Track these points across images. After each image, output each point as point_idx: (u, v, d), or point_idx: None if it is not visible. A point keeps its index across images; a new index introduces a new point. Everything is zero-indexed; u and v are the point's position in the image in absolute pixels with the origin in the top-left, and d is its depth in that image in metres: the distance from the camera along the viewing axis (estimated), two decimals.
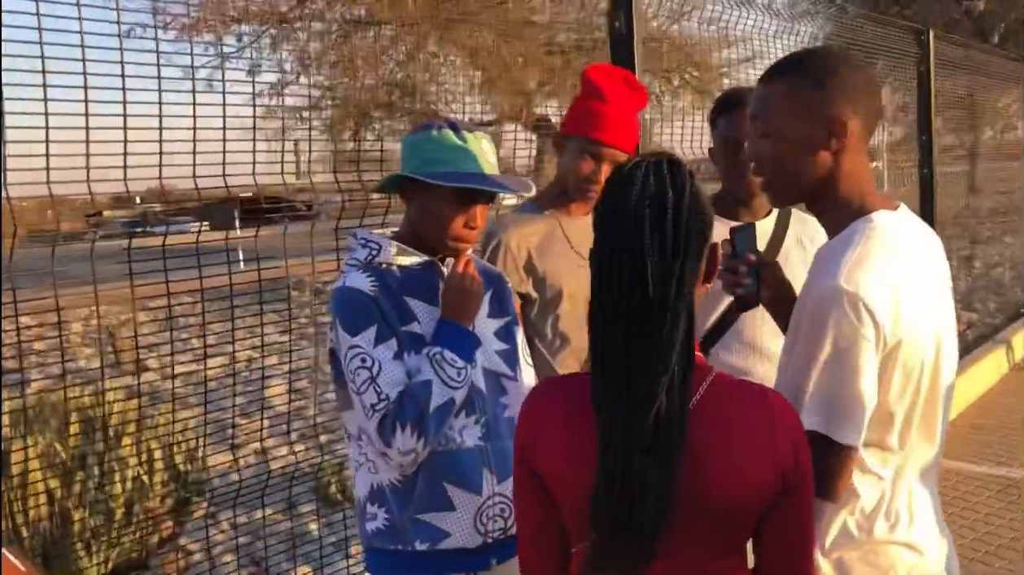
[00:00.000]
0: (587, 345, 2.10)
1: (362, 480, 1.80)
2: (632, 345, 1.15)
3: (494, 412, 1.80)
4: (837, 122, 1.46)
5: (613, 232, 1.17)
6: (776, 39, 4.51)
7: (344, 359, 1.71)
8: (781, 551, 1.25)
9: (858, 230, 1.46)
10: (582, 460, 1.19)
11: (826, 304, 1.39)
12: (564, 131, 2.20)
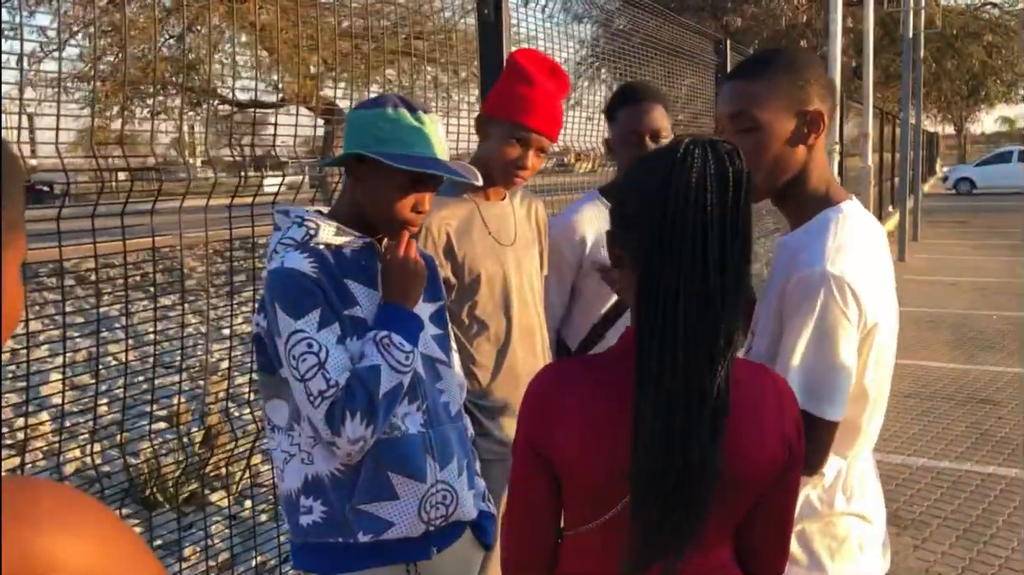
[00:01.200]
0: (503, 331, 2.11)
1: (293, 472, 1.68)
2: (690, 324, 1.15)
3: (433, 398, 1.75)
4: (815, 117, 1.53)
5: (676, 208, 1.15)
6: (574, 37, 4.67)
7: (284, 344, 1.58)
8: (771, 525, 1.31)
9: (831, 218, 1.53)
10: (603, 443, 1.19)
11: (813, 288, 1.44)
12: (489, 112, 2.13)
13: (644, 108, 2.32)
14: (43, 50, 9.75)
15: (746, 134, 1.54)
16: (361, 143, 1.66)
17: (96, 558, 0.68)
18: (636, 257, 1.22)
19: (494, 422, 2.13)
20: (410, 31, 4.06)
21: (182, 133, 10.06)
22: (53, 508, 0.66)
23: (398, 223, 1.69)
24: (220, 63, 11.07)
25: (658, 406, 1.16)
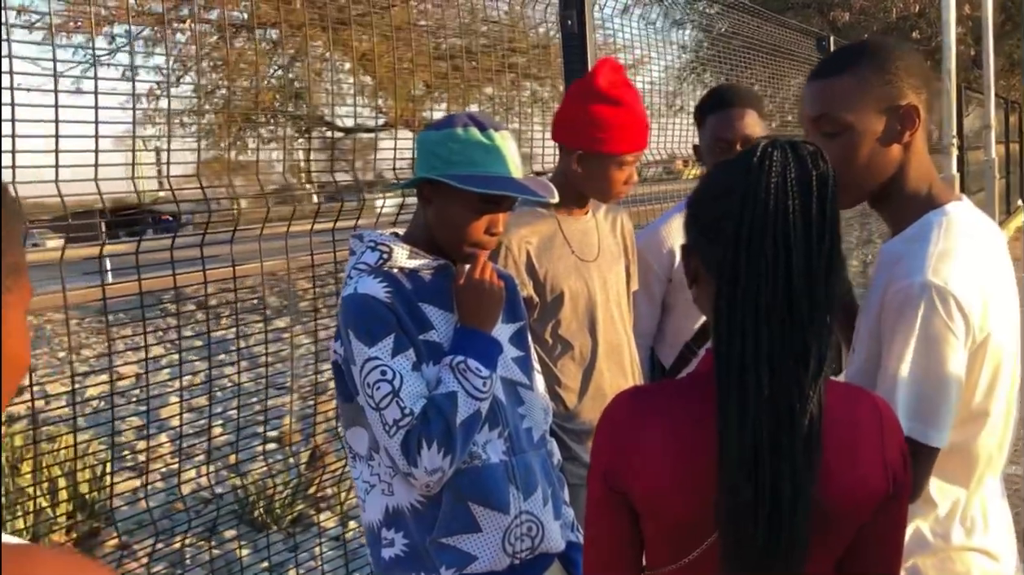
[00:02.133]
0: (588, 350, 2.05)
1: (374, 503, 1.66)
2: (775, 343, 1.07)
3: (515, 424, 1.69)
4: (909, 112, 1.41)
5: (755, 217, 1.07)
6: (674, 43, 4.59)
7: (359, 372, 1.56)
8: (875, 558, 1.20)
9: (934, 222, 1.40)
10: (688, 476, 1.12)
11: (912, 300, 1.32)
12: (574, 145, 2.06)
13: (735, 114, 2.22)
14: (159, 87, 10.23)
15: (832, 138, 1.42)
16: (431, 166, 1.63)
17: None
18: (713, 271, 1.14)
19: (582, 446, 2.06)
20: (504, 48, 4.06)
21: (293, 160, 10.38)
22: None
23: (469, 246, 1.65)
24: (325, 91, 11.38)
25: (743, 435, 1.07)
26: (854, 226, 8.49)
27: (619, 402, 1.23)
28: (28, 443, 3.70)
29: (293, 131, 11.58)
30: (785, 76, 6.11)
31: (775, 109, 6.54)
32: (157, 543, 2.72)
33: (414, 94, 10.63)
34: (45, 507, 3.79)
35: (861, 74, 1.42)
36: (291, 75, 11.64)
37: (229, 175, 2.61)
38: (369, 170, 2.96)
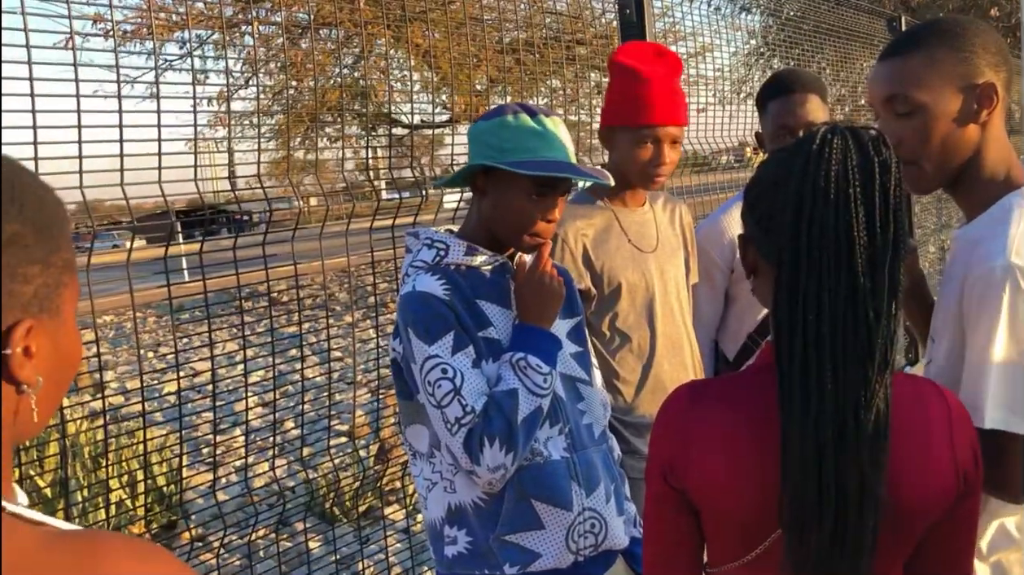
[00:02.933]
0: (647, 343, 2.03)
1: (436, 501, 1.66)
2: (837, 335, 1.04)
3: (575, 420, 1.68)
4: (986, 90, 1.36)
5: (814, 205, 1.04)
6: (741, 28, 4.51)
7: (419, 370, 1.57)
8: (946, 557, 1.17)
9: (1015, 203, 1.36)
10: (747, 471, 1.10)
11: (996, 285, 1.28)
12: (609, 123, 2.06)
13: (797, 100, 2.16)
14: (230, 90, 10.45)
15: (905, 119, 1.38)
16: (484, 155, 1.62)
17: None
18: (772, 261, 1.12)
19: (642, 439, 2.04)
20: (567, 39, 4.05)
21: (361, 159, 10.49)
22: (117, 559, 0.66)
23: (529, 234, 1.63)
24: (390, 87, 11.48)
25: (806, 430, 1.05)
26: (931, 211, 8.24)
27: (677, 396, 1.21)
28: (110, 437, 3.83)
29: (359, 129, 11.74)
30: (857, 59, 5.95)
31: (848, 93, 6.38)
32: (229, 535, 2.78)
33: (478, 89, 10.67)
34: (125, 499, 3.92)
35: (934, 52, 1.37)
36: (356, 74, 11.78)
37: (288, 173, 2.66)
38: (436, 165, 3.00)
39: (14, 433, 0.73)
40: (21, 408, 0.72)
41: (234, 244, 2.39)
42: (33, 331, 0.71)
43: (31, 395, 0.72)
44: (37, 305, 0.72)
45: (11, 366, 0.70)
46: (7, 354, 0.69)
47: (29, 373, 0.71)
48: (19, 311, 0.70)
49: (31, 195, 0.72)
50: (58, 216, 0.74)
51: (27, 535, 0.66)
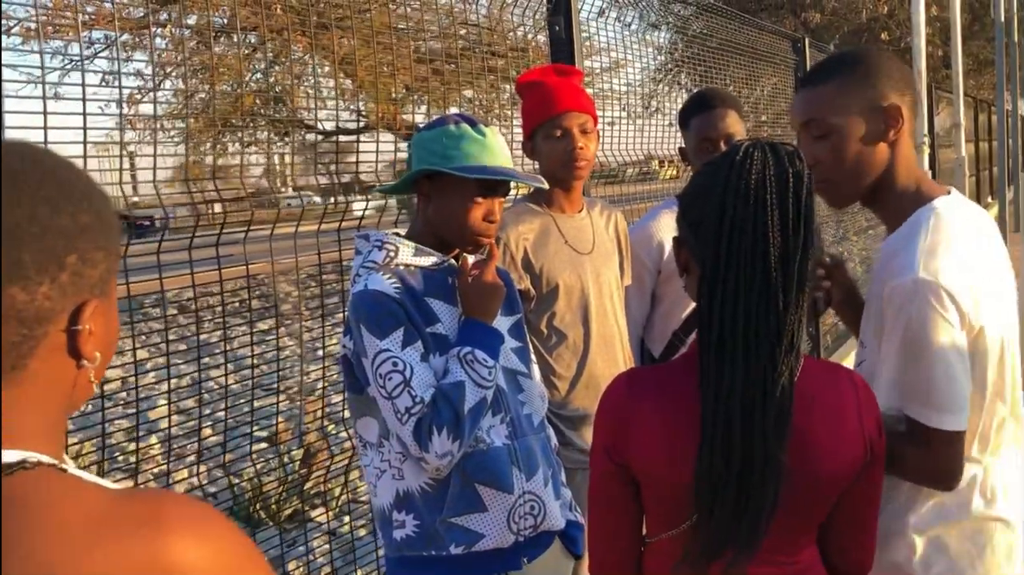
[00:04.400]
0: (582, 340, 2.15)
1: (385, 487, 1.75)
2: (751, 322, 1.17)
3: (516, 410, 1.79)
4: (892, 112, 1.50)
5: (735, 210, 1.18)
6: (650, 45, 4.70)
7: (371, 364, 1.65)
8: (853, 524, 1.31)
9: (923, 218, 1.49)
10: (678, 446, 1.21)
11: (907, 296, 1.40)
12: (527, 133, 2.21)
13: (718, 115, 2.33)
14: (140, 92, 10.22)
15: (821, 140, 1.52)
16: (428, 162, 1.72)
17: (215, 562, 0.74)
18: (699, 260, 1.25)
19: (576, 431, 2.16)
20: (484, 51, 4.15)
21: (271, 163, 10.35)
22: (179, 517, 0.73)
23: (472, 233, 1.74)
24: (305, 94, 11.40)
25: (718, 408, 1.18)
26: (830, 223, 8.67)
27: (617, 383, 1.34)
28: None
29: (273, 134, 11.60)
30: (761, 77, 6.24)
31: (751, 109, 6.68)
32: None
33: (395, 97, 10.69)
34: None
35: (844, 79, 1.51)
36: (271, 79, 11.65)
37: (213, 179, 2.64)
38: (346, 172, 3.04)
39: (70, 402, 0.80)
40: (79, 380, 0.79)
41: (159, 248, 2.36)
42: (95, 311, 0.78)
43: (89, 369, 0.79)
44: (99, 288, 0.79)
45: (79, 341, 0.77)
46: (77, 330, 0.76)
47: (91, 349, 0.78)
48: (87, 292, 0.77)
49: (95, 192, 0.80)
50: (111, 210, 0.81)
51: (93, 494, 0.73)
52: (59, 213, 0.76)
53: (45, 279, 0.74)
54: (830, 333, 6.65)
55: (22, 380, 0.76)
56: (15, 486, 0.71)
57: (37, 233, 0.74)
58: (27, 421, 0.76)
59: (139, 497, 0.74)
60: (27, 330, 0.74)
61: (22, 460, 0.73)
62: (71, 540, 0.69)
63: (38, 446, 0.75)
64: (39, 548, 0.69)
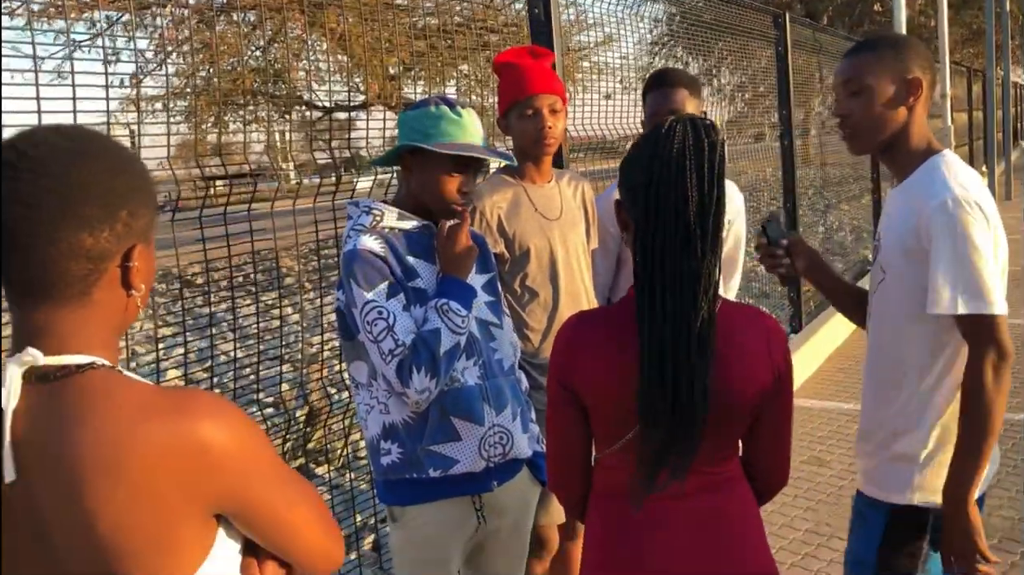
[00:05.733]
0: (551, 297, 2.42)
1: (374, 421, 2.00)
2: (675, 268, 1.40)
3: (488, 355, 2.04)
4: (914, 83, 1.85)
5: (660, 174, 1.40)
6: (644, 18, 4.90)
7: (360, 313, 1.90)
8: (769, 440, 1.57)
9: (937, 163, 1.85)
10: (621, 370, 1.45)
11: (947, 213, 1.74)
12: (501, 113, 2.44)
13: (667, 93, 2.55)
14: (143, 71, 10.43)
15: (854, 97, 1.88)
16: (411, 138, 1.96)
17: (235, 443, 1.00)
18: (634, 219, 1.48)
19: (546, 377, 2.41)
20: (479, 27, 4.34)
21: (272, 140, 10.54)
22: (206, 406, 0.99)
23: (448, 203, 1.98)
24: (303, 71, 11.58)
25: (652, 338, 1.42)
26: (825, 195, 8.89)
27: (568, 322, 1.58)
28: None
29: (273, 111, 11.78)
30: (742, 52, 6.45)
31: (748, 81, 6.91)
32: None
33: (391, 73, 10.86)
34: None
35: (882, 51, 1.88)
36: (270, 57, 11.84)
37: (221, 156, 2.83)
38: (347, 148, 3.22)
39: (122, 323, 1.06)
40: (129, 306, 1.05)
41: (172, 223, 2.55)
42: (140, 253, 1.04)
43: (136, 297, 1.05)
44: (143, 235, 1.05)
45: (130, 276, 1.03)
46: (129, 266, 1.02)
47: (138, 281, 1.04)
48: (134, 238, 1.03)
49: (139, 162, 1.06)
50: (150, 176, 1.06)
51: (142, 387, 0.99)
52: (115, 178, 1.01)
53: (105, 227, 1.00)
54: (812, 299, 6.90)
55: (88, 304, 1.01)
56: (86, 381, 0.98)
57: (100, 193, 0.99)
58: (93, 336, 1.02)
59: (176, 391, 1.00)
60: (92, 266, 1.00)
61: (91, 362, 0.99)
62: (127, 418, 0.95)
63: (101, 354, 1.01)
64: (104, 423, 0.95)
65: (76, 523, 0.95)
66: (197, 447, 0.97)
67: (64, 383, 0.97)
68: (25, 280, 0.99)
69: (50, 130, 1.02)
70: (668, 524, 1.51)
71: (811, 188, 10.05)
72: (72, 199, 0.98)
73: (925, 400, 1.84)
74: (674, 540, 1.50)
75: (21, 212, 0.96)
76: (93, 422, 0.95)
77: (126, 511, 0.94)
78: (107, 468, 0.93)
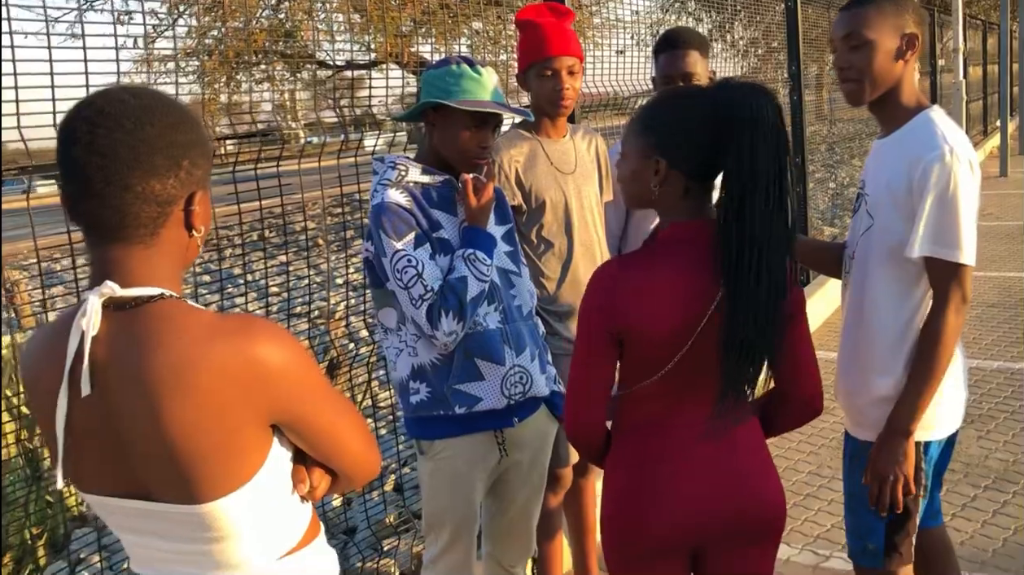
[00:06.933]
0: (566, 247, 2.56)
1: (403, 363, 2.13)
2: (768, 231, 1.55)
3: (508, 301, 2.17)
4: (912, 38, 1.93)
5: (756, 144, 1.53)
6: None
7: (390, 261, 2.02)
8: (799, 357, 1.72)
9: (929, 117, 1.93)
10: (662, 310, 1.58)
11: (938, 165, 1.83)
12: (521, 70, 2.53)
13: (679, 54, 2.62)
14: (155, 31, 10.49)
15: (856, 50, 1.95)
16: (433, 96, 2.07)
17: (287, 361, 1.13)
18: (682, 168, 1.60)
19: (561, 324, 2.54)
20: None
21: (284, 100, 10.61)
22: (263, 330, 1.12)
23: (469, 157, 2.10)
24: (315, 28, 11.60)
25: (750, 294, 1.56)
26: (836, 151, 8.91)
27: (607, 263, 1.67)
28: None
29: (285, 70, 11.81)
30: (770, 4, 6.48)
31: (761, 36, 6.93)
32: None
33: (403, 31, 10.87)
34: None
35: (881, 5, 1.94)
36: (281, 15, 11.85)
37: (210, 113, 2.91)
38: (357, 107, 3.25)
39: (185, 259, 1.19)
40: (190, 245, 1.19)
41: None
42: (200, 198, 1.17)
43: (197, 237, 1.18)
44: (202, 183, 1.18)
45: (191, 218, 1.16)
46: (191, 210, 1.15)
47: (199, 223, 1.17)
48: (194, 185, 1.16)
49: (196, 119, 1.18)
50: (205, 131, 1.18)
51: (206, 314, 1.12)
52: (178, 132, 1.13)
53: (171, 175, 1.12)
54: None
55: (156, 243, 1.14)
56: (157, 309, 1.11)
57: (165, 146, 1.12)
58: (161, 270, 1.15)
59: (237, 316, 1.13)
60: (160, 209, 1.13)
61: (161, 293, 1.12)
62: (194, 340, 1.09)
63: (168, 286, 1.14)
64: (175, 345, 1.08)
65: (152, 433, 1.08)
66: (255, 364, 1.10)
67: (138, 311, 1.11)
68: (101, 222, 1.12)
69: (123, 90, 1.14)
70: (693, 453, 1.65)
71: (823, 144, 10.09)
72: (142, 151, 1.10)
73: (902, 342, 1.94)
74: (698, 467, 1.64)
75: (98, 162, 1.09)
76: (165, 344, 1.08)
77: (195, 421, 1.08)
78: (179, 383, 1.07)
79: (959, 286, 1.86)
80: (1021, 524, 3.30)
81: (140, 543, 1.20)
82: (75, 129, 1.10)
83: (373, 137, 3.67)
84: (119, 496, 1.15)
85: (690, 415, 1.65)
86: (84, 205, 1.11)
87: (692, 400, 1.65)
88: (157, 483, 1.12)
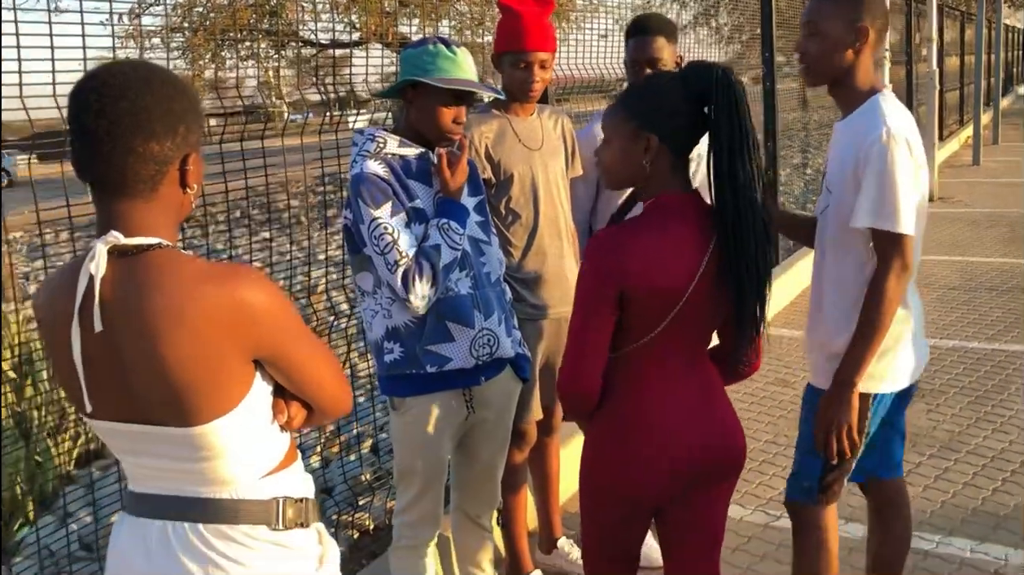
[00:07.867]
0: (531, 218, 2.71)
1: (378, 325, 2.28)
2: (754, 197, 1.76)
3: (478, 268, 2.32)
4: (862, 30, 2.12)
5: (737, 116, 1.75)
6: None
7: (367, 228, 2.15)
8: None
9: (879, 101, 2.13)
10: (663, 271, 1.75)
11: (883, 144, 2.02)
12: (496, 50, 2.67)
13: (647, 40, 2.77)
14: (140, 5, 10.53)
15: (811, 38, 2.17)
16: (412, 74, 2.22)
17: (270, 303, 1.29)
18: (669, 143, 1.79)
19: (527, 290, 2.71)
20: None
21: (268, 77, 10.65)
22: (248, 275, 1.28)
23: (444, 132, 2.25)
24: (300, 6, 11.67)
25: (739, 254, 1.77)
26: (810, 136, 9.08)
27: (608, 231, 1.79)
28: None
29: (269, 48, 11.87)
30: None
31: (746, 23, 7.06)
32: None
33: (387, 10, 10.95)
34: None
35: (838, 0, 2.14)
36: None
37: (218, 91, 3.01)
38: (340, 84, 3.36)
39: (180, 214, 1.34)
40: (184, 201, 1.34)
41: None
42: (194, 159, 1.32)
43: (190, 194, 1.33)
44: (195, 146, 1.33)
45: (186, 176, 1.31)
46: (186, 169, 1.30)
47: (192, 181, 1.33)
48: (189, 148, 1.31)
49: (191, 88, 1.32)
50: (198, 99, 1.33)
51: (198, 261, 1.28)
52: (174, 100, 1.29)
53: (168, 138, 1.28)
54: None
55: (155, 199, 1.30)
56: (156, 256, 1.27)
57: (163, 112, 1.27)
58: (159, 222, 1.30)
59: (225, 264, 1.28)
60: (158, 168, 1.28)
61: (159, 243, 1.28)
62: (187, 283, 1.24)
63: (165, 236, 1.30)
64: (172, 287, 1.24)
65: (151, 363, 1.24)
66: (241, 305, 1.26)
67: (139, 258, 1.26)
68: (107, 179, 1.27)
69: (125, 63, 1.30)
70: (677, 392, 1.84)
71: (802, 131, 10.27)
72: (143, 117, 1.25)
73: (857, 306, 2.12)
74: (682, 404, 1.84)
75: (105, 126, 1.24)
76: (162, 287, 1.23)
77: (189, 353, 1.24)
78: (175, 320, 1.22)
79: (899, 254, 2.04)
80: (959, 488, 3.52)
81: (139, 463, 1.36)
82: (85, 99, 1.25)
83: (355, 115, 3.78)
84: (122, 422, 1.31)
85: (674, 366, 1.84)
86: (92, 164, 1.26)
87: (677, 354, 1.83)
88: (156, 409, 1.28)
